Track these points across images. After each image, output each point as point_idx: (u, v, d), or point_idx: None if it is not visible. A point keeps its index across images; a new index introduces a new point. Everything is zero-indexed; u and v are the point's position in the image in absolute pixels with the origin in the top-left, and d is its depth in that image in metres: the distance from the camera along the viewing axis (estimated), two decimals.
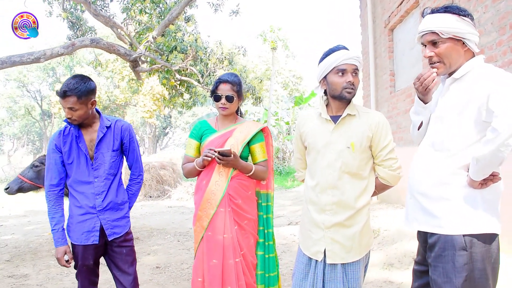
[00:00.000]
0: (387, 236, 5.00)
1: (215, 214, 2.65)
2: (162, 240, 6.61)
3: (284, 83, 30.64)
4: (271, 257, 2.80)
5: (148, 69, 8.49)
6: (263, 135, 2.87)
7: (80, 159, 2.66)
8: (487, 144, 1.73)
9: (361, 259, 2.22)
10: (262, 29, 16.88)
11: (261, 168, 2.79)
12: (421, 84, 2.02)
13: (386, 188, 2.33)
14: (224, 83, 2.73)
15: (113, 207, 2.71)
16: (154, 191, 13.05)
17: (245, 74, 10.74)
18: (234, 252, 2.61)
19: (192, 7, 10.19)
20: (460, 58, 1.94)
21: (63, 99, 2.49)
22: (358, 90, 2.24)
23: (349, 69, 2.18)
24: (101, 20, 8.80)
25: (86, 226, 2.64)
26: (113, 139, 2.72)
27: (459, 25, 1.89)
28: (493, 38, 4.04)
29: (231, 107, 2.76)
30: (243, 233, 2.68)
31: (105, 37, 22.30)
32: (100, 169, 2.67)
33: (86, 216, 2.65)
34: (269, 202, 2.89)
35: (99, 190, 2.66)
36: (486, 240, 1.83)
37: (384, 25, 7.59)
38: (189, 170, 2.81)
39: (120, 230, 2.72)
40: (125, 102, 29.73)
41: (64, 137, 2.67)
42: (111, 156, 2.70)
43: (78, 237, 2.65)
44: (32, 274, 4.86)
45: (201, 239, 2.67)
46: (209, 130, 2.82)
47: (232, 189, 2.68)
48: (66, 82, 2.52)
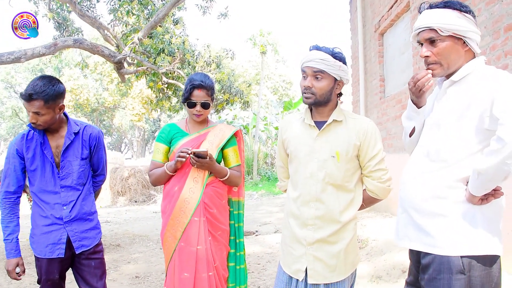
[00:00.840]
0: (376, 246, 4.83)
1: (189, 223, 2.45)
2: (144, 248, 6.40)
3: (274, 88, 30.55)
4: (242, 268, 2.66)
5: (132, 71, 8.30)
6: (236, 139, 2.70)
7: (46, 167, 2.45)
8: (491, 156, 1.53)
9: (346, 278, 2.03)
10: (252, 33, 16.70)
11: (236, 173, 2.62)
12: (414, 85, 1.82)
13: (374, 201, 2.14)
14: (199, 89, 2.51)
15: (81, 217, 2.49)
16: (140, 196, 12.83)
17: (233, 78, 10.56)
18: (208, 265, 2.42)
19: (181, 9, 10.04)
20: (459, 59, 1.75)
21: (28, 103, 2.26)
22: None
23: (309, 72, 2.01)
24: (87, 21, 8.61)
25: (52, 238, 2.42)
26: (82, 147, 2.51)
27: (460, 22, 1.69)
28: (486, 43, 3.91)
29: (205, 113, 2.58)
30: (217, 244, 2.51)
31: (94, 39, 22.11)
32: (68, 178, 2.47)
33: (51, 227, 2.43)
34: (240, 210, 2.73)
35: (67, 200, 2.45)
36: (486, 263, 1.63)
37: (374, 29, 7.47)
38: (157, 177, 2.58)
39: (89, 242, 2.51)
40: (114, 105, 29.45)
41: (27, 142, 2.45)
42: (79, 165, 2.50)
43: (42, 250, 2.43)
44: (3, 284, 4.61)
45: (174, 251, 2.46)
46: (179, 133, 2.61)
47: (208, 197, 2.49)
48: (32, 84, 2.28)
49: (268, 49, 16.90)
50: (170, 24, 9.60)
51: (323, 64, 1.97)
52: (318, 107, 2.07)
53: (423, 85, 1.80)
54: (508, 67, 3.59)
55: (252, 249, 5.74)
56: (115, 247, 6.39)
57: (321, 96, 2.01)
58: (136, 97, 24.43)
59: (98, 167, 2.66)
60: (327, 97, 2.03)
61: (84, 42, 7.19)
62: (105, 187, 12.71)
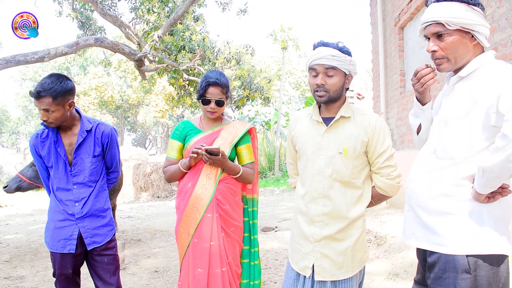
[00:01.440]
0: (394, 243, 4.77)
1: (201, 220, 2.48)
2: (164, 243, 6.49)
3: (296, 83, 30.40)
4: (256, 264, 2.68)
5: (153, 69, 8.41)
6: (250, 137, 2.72)
7: (59, 164, 2.52)
8: (496, 153, 1.49)
9: (354, 276, 2.02)
10: (273, 29, 16.58)
11: (249, 170, 2.64)
12: (418, 80, 1.79)
13: (384, 198, 2.11)
14: (214, 86, 2.54)
15: (93, 214, 2.55)
16: (162, 192, 12.97)
17: (253, 74, 10.56)
18: (221, 261, 2.45)
19: (201, 6, 10.10)
20: (467, 54, 1.70)
21: (37, 100, 2.34)
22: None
23: (320, 70, 1.98)
24: (109, 20, 8.76)
25: (64, 234, 2.49)
26: (94, 144, 2.56)
27: (468, 15, 1.64)
28: (507, 35, 3.79)
29: (220, 110, 2.60)
30: (230, 240, 2.53)
31: (117, 37, 22.48)
32: (80, 175, 2.53)
33: (64, 222, 2.50)
34: (254, 207, 2.75)
35: (79, 197, 2.52)
36: (493, 262, 1.60)
37: (394, 23, 7.34)
38: (172, 173, 2.62)
39: (101, 239, 2.56)
40: (138, 102, 29.87)
41: (42, 140, 2.53)
42: (91, 162, 2.55)
43: (54, 244, 2.51)
44: (28, 276, 4.76)
45: (188, 247, 2.50)
46: (193, 131, 2.64)
47: (220, 193, 2.52)
48: (41, 82, 2.36)
49: (289, 44, 16.77)
50: (191, 21, 9.67)
51: (335, 60, 1.95)
52: (329, 104, 2.06)
53: (425, 81, 1.77)
54: None
55: (270, 245, 5.76)
56: (136, 241, 6.51)
57: (335, 93, 2.00)
58: (160, 94, 24.71)
59: (112, 165, 2.71)
60: (340, 93, 2.03)
61: (105, 41, 7.33)
62: (128, 183, 12.92)
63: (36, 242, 6.57)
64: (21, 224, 8.55)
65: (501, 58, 3.79)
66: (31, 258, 5.62)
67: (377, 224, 5.81)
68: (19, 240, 6.79)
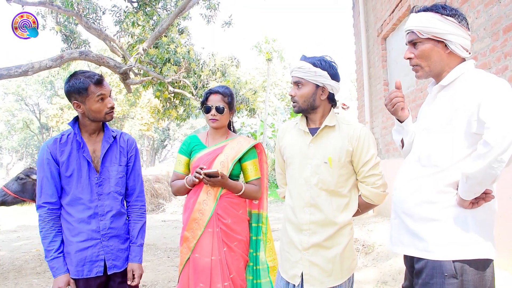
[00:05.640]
0: (382, 252, 4.81)
1: (202, 235, 2.47)
2: (151, 256, 6.42)
3: (281, 94, 30.58)
4: (259, 283, 2.56)
5: (138, 82, 8.38)
6: (256, 152, 2.70)
7: (82, 172, 2.22)
8: (478, 160, 1.52)
9: (343, 283, 2.03)
10: (257, 40, 16.72)
11: (253, 187, 2.61)
12: (390, 100, 1.89)
13: (370, 207, 2.14)
14: (214, 94, 2.60)
15: (119, 235, 2.28)
16: (149, 205, 12.87)
17: (239, 86, 10.62)
18: (222, 276, 2.41)
19: (186, 19, 10.14)
20: (441, 62, 1.76)
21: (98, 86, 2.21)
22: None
23: (292, 82, 2.12)
24: (94, 33, 8.74)
25: (89, 255, 2.20)
26: (120, 153, 2.34)
27: (439, 25, 1.71)
28: (486, 44, 3.89)
29: (221, 119, 2.60)
30: (233, 255, 2.49)
31: (102, 50, 22.37)
32: (105, 185, 2.25)
33: (87, 242, 2.20)
34: (260, 223, 2.68)
35: (104, 211, 2.24)
36: (479, 267, 1.62)
37: (377, 34, 7.47)
38: (178, 188, 2.64)
39: (122, 265, 2.29)
40: (123, 115, 29.67)
41: (61, 145, 2.23)
42: (117, 171, 2.30)
43: (79, 269, 2.19)
44: None
45: (187, 261, 2.48)
46: (198, 146, 2.66)
47: (221, 208, 2.51)
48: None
49: (274, 56, 16.92)
50: (176, 33, 9.69)
51: (300, 72, 2.06)
52: (309, 114, 2.12)
53: (394, 103, 1.88)
54: (508, 69, 3.57)
55: None
56: None
57: (304, 103, 2.07)
58: (145, 107, 24.61)
59: (134, 188, 2.40)
60: (311, 104, 2.08)
61: (89, 54, 7.29)
62: None
63: (20, 259, 6.43)
64: (4, 241, 8.36)
65: (481, 67, 3.89)
66: (14, 275, 5.49)
67: (364, 233, 5.84)
68: (2, 257, 6.63)
